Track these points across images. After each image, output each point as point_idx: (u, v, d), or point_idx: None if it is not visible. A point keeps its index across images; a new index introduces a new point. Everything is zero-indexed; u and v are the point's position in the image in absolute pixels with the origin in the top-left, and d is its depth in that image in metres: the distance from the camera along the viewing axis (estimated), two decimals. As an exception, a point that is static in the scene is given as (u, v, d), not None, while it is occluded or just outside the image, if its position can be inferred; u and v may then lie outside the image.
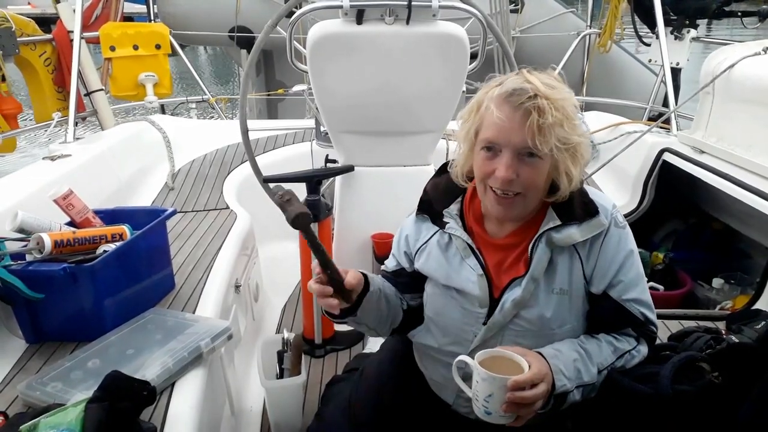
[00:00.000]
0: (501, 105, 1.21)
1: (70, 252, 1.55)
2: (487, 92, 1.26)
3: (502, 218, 1.32)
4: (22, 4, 15.07)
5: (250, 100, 5.88)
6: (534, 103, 1.18)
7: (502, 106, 1.21)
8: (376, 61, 2.10)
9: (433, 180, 1.49)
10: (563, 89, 1.23)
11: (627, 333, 1.34)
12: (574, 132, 1.22)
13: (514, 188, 1.23)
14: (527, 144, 1.19)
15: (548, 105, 1.18)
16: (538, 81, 1.21)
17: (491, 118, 1.22)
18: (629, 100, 4.62)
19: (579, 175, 1.27)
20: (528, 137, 1.18)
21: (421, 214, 1.46)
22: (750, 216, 2.48)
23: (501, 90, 1.22)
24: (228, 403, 1.78)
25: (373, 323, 1.42)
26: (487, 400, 1.16)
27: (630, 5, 4.47)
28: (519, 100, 1.19)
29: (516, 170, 1.21)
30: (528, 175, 1.22)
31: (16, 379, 1.39)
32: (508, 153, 1.21)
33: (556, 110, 1.18)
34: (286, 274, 2.83)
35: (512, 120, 1.19)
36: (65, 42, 3.68)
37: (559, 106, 1.19)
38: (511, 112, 1.19)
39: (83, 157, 2.64)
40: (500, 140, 1.22)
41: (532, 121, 1.17)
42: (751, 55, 2.65)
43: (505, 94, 1.20)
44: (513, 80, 1.23)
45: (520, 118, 1.19)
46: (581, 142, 1.25)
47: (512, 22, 5.85)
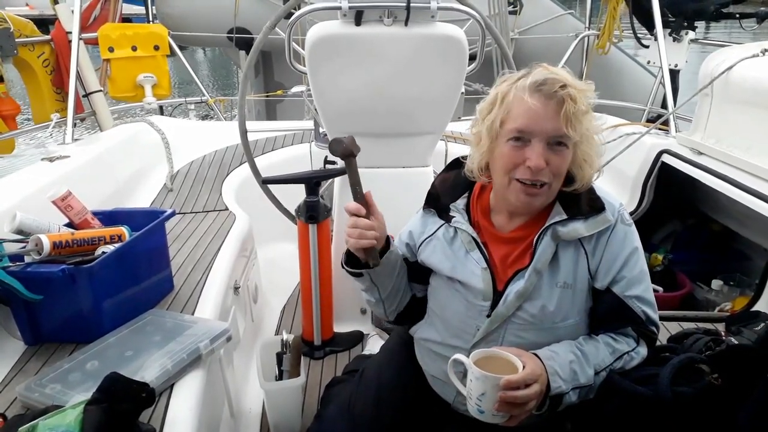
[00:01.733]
0: (533, 93, 1.22)
1: (68, 253, 1.55)
2: (514, 83, 1.27)
3: (525, 210, 1.33)
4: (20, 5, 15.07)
5: (249, 102, 5.88)
6: (567, 92, 1.20)
7: (534, 95, 1.22)
8: (375, 63, 2.10)
9: (442, 175, 1.51)
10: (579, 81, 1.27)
11: (626, 333, 1.35)
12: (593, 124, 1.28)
13: (542, 178, 1.25)
14: (561, 132, 1.21)
15: (578, 94, 1.21)
16: (563, 72, 1.25)
17: (522, 107, 1.23)
18: (628, 101, 4.62)
19: (597, 166, 1.31)
20: (563, 124, 1.21)
21: (427, 208, 1.48)
22: (749, 217, 2.49)
23: (531, 80, 1.23)
24: (227, 405, 1.78)
25: (386, 290, 1.45)
26: (480, 399, 1.17)
27: (628, 7, 4.47)
28: (552, 88, 1.21)
29: (546, 159, 1.23)
30: (557, 163, 1.24)
31: (14, 381, 1.39)
32: (539, 142, 1.23)
33: (583, 98, 1.23)
34: (285, 275, 2.83)
35: (546, 107, 1.21)
36: (64, 43, 3.68)
37: (585, 97, 1.24)
38: (544, 101, 1.21)
39: (82, 159, 2.64)
40: (533, 128, 1.23)
41: (567, 109, 1.20)
42: (750, 56, 2.66)
43: (537, 83, 1.22)
44: (539, 72, 1.25)
45: (555, 106, 1.21)
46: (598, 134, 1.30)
47: (511, 23, 5.86)
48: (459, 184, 1.44)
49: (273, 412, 1.86)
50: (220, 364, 1.66)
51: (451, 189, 1.45)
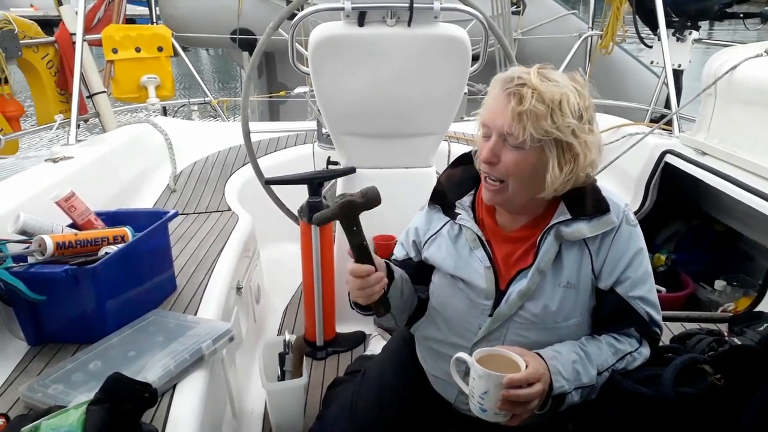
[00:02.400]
0: (494, 87, 1.26)
1: (72, 254, 1.55)
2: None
3: (491, 204, 1.35)
4: (24, 6, 15.13)
5: (252, 102, 5.89)
6: (517, 89, 1.20)
7: (494, 89, 1.25)
8: (378, 63, 2.11)
9: (448, 171, 1.50)
10: (565, 85, 1.22)
11: (629, 334, 1.34)
12: (564, 128, 1.20)
13: (494, 173, 1.26)
14: (507, 128, 1.21)
15: (531, 93, 1.18)
16: (535, 72, 1.22)
17: (488, 101, 1.27)
18: (631, 101, 4.61)
19: (564, 177, 1.24)
20: (506, 122, 1.21)
21: (433, 204, 1.47)
22: (752, 218, 2.48)
23: (500, 75, 1.26)
24: (229, 405, 1.78)
25: (397, 310, 1.44)
26: (483, 397, 1.17)
27: (632, 7, 4.47)
28: (507, 85, 1.22)
29: (498, 154, 1.24)
30: (507, 161, 1.24)
31: (17, 381, 1.39)
32: (495, 136, 1.24)
33: (539, 101, 1.18)
34: (287, 276, 2.83)
35: (498, 102, 1.23)
36: (68, 44, 3.69)
37: (546, 98, 1.19)
38: (499, 95, 1.23)
39: (85, 159, 2.65)
40: (489, 123, 1.25)
41: (511, 107, 1.20)
42: (753, 56, 2.65)
43: (501, 78, 1.25)
44: (513, 69, 1.26)
45: (504, 102, 1.21)
46: (574, 142, 1.22)
47: (514, 23, 5.85)
48: (465, 181, 1.44)
49: (275, 412, 1.86)
50: (223, 364, 1.66)
51: (457, 185, 1.45)
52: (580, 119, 1.22)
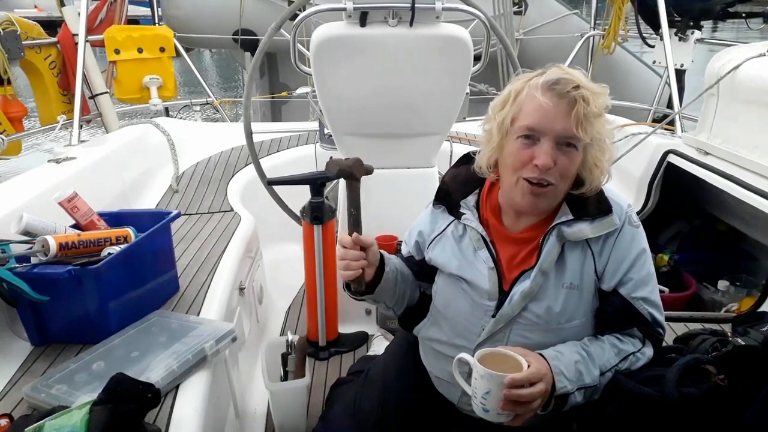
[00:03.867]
0: (546, 92, 1.22)
1: (74, 254, 1.55)
2: (528, 81, 1.27)
3: (530, 210, 1.32)
4: (28, 7, 15.15)
5: (254, 103, 5.89)
6: (579, 92, 1.20)
7: (547, 93, 1.22)
8: (380, 63, 2.11)
9: (452, 170, 1.50)
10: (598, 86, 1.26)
11: (632, 334, 1.34)
12: (605, 129, 1.26)
13: (549, 177, 1.24)
14: (571, 132, 1.21)
15: (591, 96, 1.21)
16: (578, 73, 1.24)
17: (533, 104, 1.23)
18: (633, 101, 4.61)
19: (605, 171, 1.29)
20: (573, 125, 1.20)
21: (437, 204, 1.47)
22: (755, 218, 2.47)
23: (545, 78, 1.23)
24: (232, 406, 1.78)
25: (391, 301, 1.48)
26: (485, 398, 1.17)
27: (634, 7, 4.46)
28: (565, 88, 1.20)
29: (555, 159, 1.22)
30: (564, 164, 1.24)
31: (21, 382, 1.40)
32: (548, 141, 1.22)
33: (596, 102, 1.21)
34: (290, 276, 2.83)
35: (558, 107, 1.21)
36: (70, 45, 3.70)
37: (598, 100, 1.23)
38: (556, 100, 1.21)
39: (88, 160, 2.65)
40: (543, 127, 1.22)
41: (579, 110, 1.20)
42: (756, 56, 2.64)
43: (549, 82, 1.22)
44: (554, 71, 1.25)
45: (566, 106, 1.20)
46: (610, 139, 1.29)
47: (515, 23, 5.85)
48: (470, 180, 1.43)
49: (278, 412, 1.86)
50: (225, 364, 1.66)
51: (462, 185, 1.44)
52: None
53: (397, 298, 1.48)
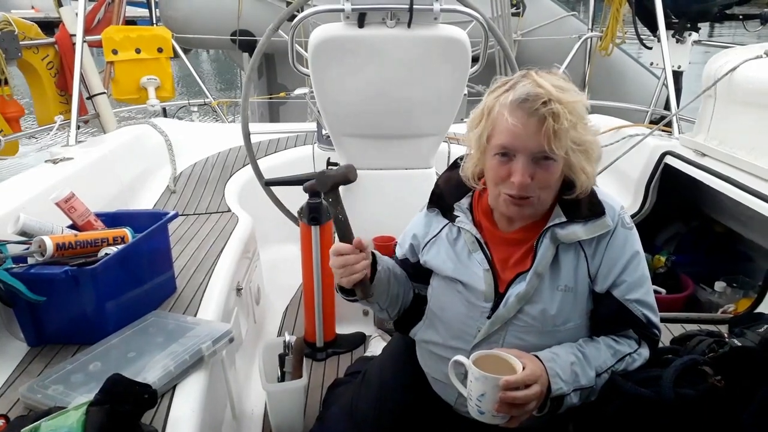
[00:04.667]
0: (514, 111, 1.20)
1: (71, 255, 1.55)
2: (498, 97, 1.25)
3: (516, 218, 1.33)
4: (25, 7, 15.14)
5: (252, 104, 5.90)
6: (549, 108, 1.18)
7: (515, 113, 1.20)
8: (378, 65, 2.11)
9: (446, 174, 1.50)
10: (573, 90, 1.24)
11: (628, 335, 1.34)
12: (587, 132, 1.25)
13: (528, 193, 1.24)
14: (543, 149, 1.19)
15: (562, 109, 1.18)
16: (549, 84, 1.21)
17: (505, 124, 1.21)
18: (631, 103, 4.62)
19: (594, 172, 1.29)
20: (544, 142, 1.19)
21: (431, 207, 1.48)
22: (752, 219, 2.48)
23: (514, 96, 1.21)
24: (229, 407, 1.78)
25: (384, 303, 1.46)
26: (480, 400, 1.17)
27: (631, 8, 4.47)
28: (533, 106, 1.18)
29: (531, 174, 1.22)
30: (542, 177, 1.23)
31: (17, 382, 1.39)
32: (523, 158, 1.22)
33: (570, 114, 1.19)
34: (287, 276, 2.83)
35: (527, 126, 1.19)
36: (68, 45, 3.69)
37: (572, 109, 1.20)
38: (525, 119, 1.19)
39: (85, 160, 2.65)
40: (515, 146, 1.22)
41: (548, 127, 1.18)
42: (753, 58, 2.65)
43: (518, 100, 1.20)
44: (524, 85, 1.22)
45: (536, 125, 1.19)
46: (594, 140, 1.27)
47: (514, 25, 5.86)
48: (463, 183, 1.44)
49: (275, 413, 1.86)
50: (223, 365, 1.66)
51: (455, 188, 1.45)
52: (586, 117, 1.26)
53: (391, 299, 1.47)
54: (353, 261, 1.28)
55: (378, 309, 1.49)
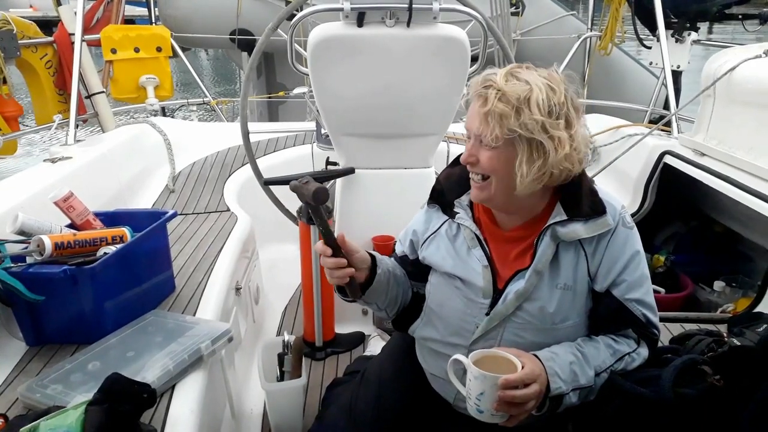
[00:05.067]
0: (472, 93, 1.29)
1: (70, 254, 1.55)
2: None
3: (477, 201, 1.38)
4: (23, 6, 15.12)
5: (251, 103, 5.89)
6: (483, 91, 1.24)
7: (470, 92, 1.30)
8: (377, 64, 2.11)
9: (447, 170, 1.51)
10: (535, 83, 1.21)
11: (627, 335, 1.35)
12: (531, 125, 1.19)
13: (477, 170, 1.30)
14: (475, 129, 1.26)
15: (495, 94, 1.21)
16: (502, 73, 1.24)
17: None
18: (630, 102, 4.62)
19: (534, 174, 1.22)
20: (476, 123, 1.25)
21: (432, 203, 1.48)
22: (751, 219, 2.48)
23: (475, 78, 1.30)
24: (228, 406, 1.78)
25: (383, 303, 1.48)
26: (479, 398, 1.17)
27: (631, 8, 4.48)
28: (476, 88, 1.26)
29: (476, 154, 1.28)
30: (483, 160, 1.27)
31: (16, 382, 1.39)
32: (472, 138, 1.29)
33: (502, 101, 1.20)
34: (286, 276, 2.83)
35: (472, 107, 1.28)
36: (66, 44, 3.69)
37: (511, 98, 1.20)
38: (474, 100, 1.28)
39: (84, 160, 2.64)
40: (467, 125, 1.31)
41: (477, 108, 1.25)
42: (752, 57, 2.65)
43: (473, 82, 1.29)
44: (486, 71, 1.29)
45: (475, 104, 1.27)
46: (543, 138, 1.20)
47: (513, 24, 5.86)
48: (464, 180, 1.44)
49: (274, 412, 1.86)
50: (222, 364, 1.66)
51: (456, 184, 1.45)
52: (549, 115, 1.20)
53: (390, 300, 1.48)
54: (329, 264, 1.32)
55: (377, 309, 1.50)
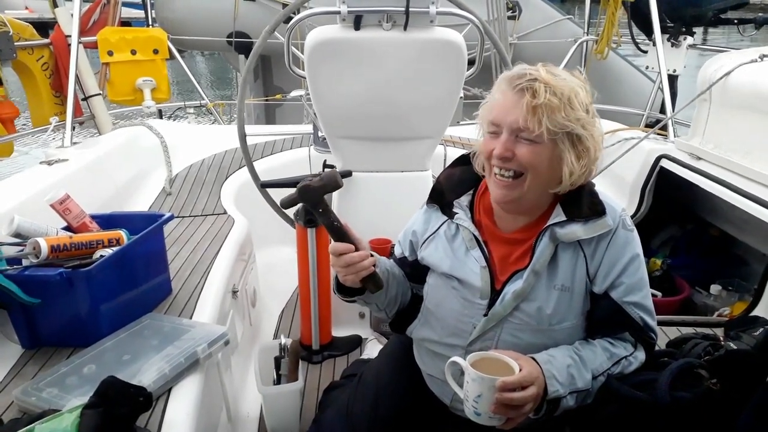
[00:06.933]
0: (501, 86, 1.27)
1: (66, 257, 1.54)
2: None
3: (504, 202, 1.32)
4: (19, 8, 15.11)
5: (248, 106, 5.89)
6: (530, 84, 1.22)
7: (502, 87, 1.27)
8: (374, 67, 2.11)
9: (448, 170, 1.51)
10: (571, 81, 1.26)
11: (624, 338, 1.35)
12: (575, 121, 1.23)
13: (511, 165, 1.26)
14: (518, 123, 1.22)
15: (544, 88, 1.21)
16: (543, 69, 1.25)
17: (495, 99, 1.28)
18: (626, 106, 4.63)
19: (581, 170, 1.27)
20: (520, 116, 1.22)
21: (431, 203, 1.48)
22: (747, 222, 2.49)
23: (508, 74, 1.27)
24: (225, 410, 1.77)
25: (383, 303, 1.47)
26: (477, 401, 1.17)
27: (627, 12, 4.49)
28: (519, 82, 1.23)
29: (512, 149, 1.25)
30: (523, 154, 1.24)
31: (11, 385, 1.38)
32: (506, 132, 1.25)
33: (552, 94, 1.21)
34: (283, 279, 2.83)
35: (508, 99, 1.24)
36: (63, 46, 3.68)
37: (558, 92, 1.21)
38: (509, 92, 1.25)
39: (80, 162, 2.64)
40: (499, 119, 1.26)
41: (526, 101, 1.21)
42: (748, 62, 2.66)
43: (508, 77, 1.26)
44: (519, 67, 1.28)
45: (516, 99, 1.23)
46: (585, 135, 1.25)
47: (509, 28, 5.87)
48: (465, 181, 1.44)
49: (271, 416, 1.86)
50: (218, 368, 1.66)
51: (456, 185, 1.45)
52: (587, 113, 1.26)
53: (390, 299, 1.48)
54: (358, 258, 1.31)
55: (376, 309, 1.50)
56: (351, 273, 1.32)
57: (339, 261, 1.31)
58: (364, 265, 1.31)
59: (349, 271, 1.31)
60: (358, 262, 1.30)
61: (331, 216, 1.34)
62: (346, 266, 1.31)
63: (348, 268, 1.31)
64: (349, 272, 1.31)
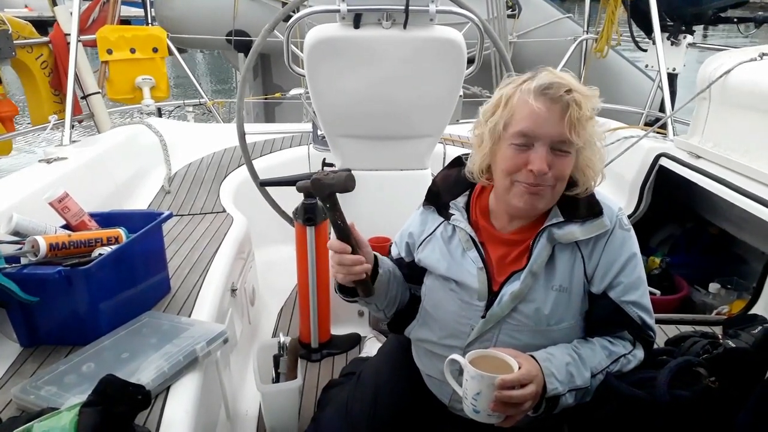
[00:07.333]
0: (538, 97, 1.22)
1: (65, 255, 1.54)
2: (519, 86, 1.27)
3: (528, 212, 1.31)
4: (18, 6, 15.09)
5: (248, 104, 5.88)
6: (572, 96, 1.20)
7: (539, 98, 1.22)
8: (374, 66, 2.11)
9: (444, 171, 1.51)
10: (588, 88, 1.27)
11: (623, 337, 1.35)
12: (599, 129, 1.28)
13: (546, 182, 1.24)
14: (564, 136, 1.21)
15: (583, 99, 1.22)
16: (567, 76, 1.25)
17: (526, 110, 1.23)
18: (626, 105, 4.63)
19: (600, 170, 1.31)
20: (566, 129, 1.20)
21: (427, 205, 1.48)
22: (746, 221, 2.49)
23: (537, 83, 1.23)
24: (224, 408, 1.77)
25: (382, 303, 1.48)
26: (476, 399, 1.17)
27: (627, 11, 4.49)
28: (557, 92, 1.21)
29: (549, 163, 1.23)
30: (560, 167, 1.24)
31: (10, 383, 1.38)
32: (542, 146, 1.22)
33: (588, 108, 1.23)
34: (282, 277, 2.83)
35: (551, 112, 1.21)
36: (62, 45, 3.67)
37: (589, 103, 1.24)
38: (549, 104, 1.21)
39: (79, 160, 2.64)
40: (537, 132, 1.22)
41: (572, 114, 1.20)
42: (747, 60, 2.66)
43: (542, 86, 1.22)
44: (545, 75, 1.24)
45: (559, 111, 1.21)
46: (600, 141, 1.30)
47: (509, 27, 5.87)
48: (461, 182, 1.44)
49: (269, 414, 1.86)
50: (217, 366, 1.66)
51: (452, 186, 1.45)
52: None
53: (389, 300, 1.48)
54: (349, 262, 1.31)
55: (375, 309, 1.50)
56: (341, 272, 1.33)
57: (334, 258, 1.32)
58: (355, 270, 1.31)
59: (339, 270, 1.33)
60: (349, 265, 1.31)
61: (338, 214, 1.33)
62: (339, 264, 1.32)
63: (340, 268, 1.32)
64: (341, 272, 1.33)
